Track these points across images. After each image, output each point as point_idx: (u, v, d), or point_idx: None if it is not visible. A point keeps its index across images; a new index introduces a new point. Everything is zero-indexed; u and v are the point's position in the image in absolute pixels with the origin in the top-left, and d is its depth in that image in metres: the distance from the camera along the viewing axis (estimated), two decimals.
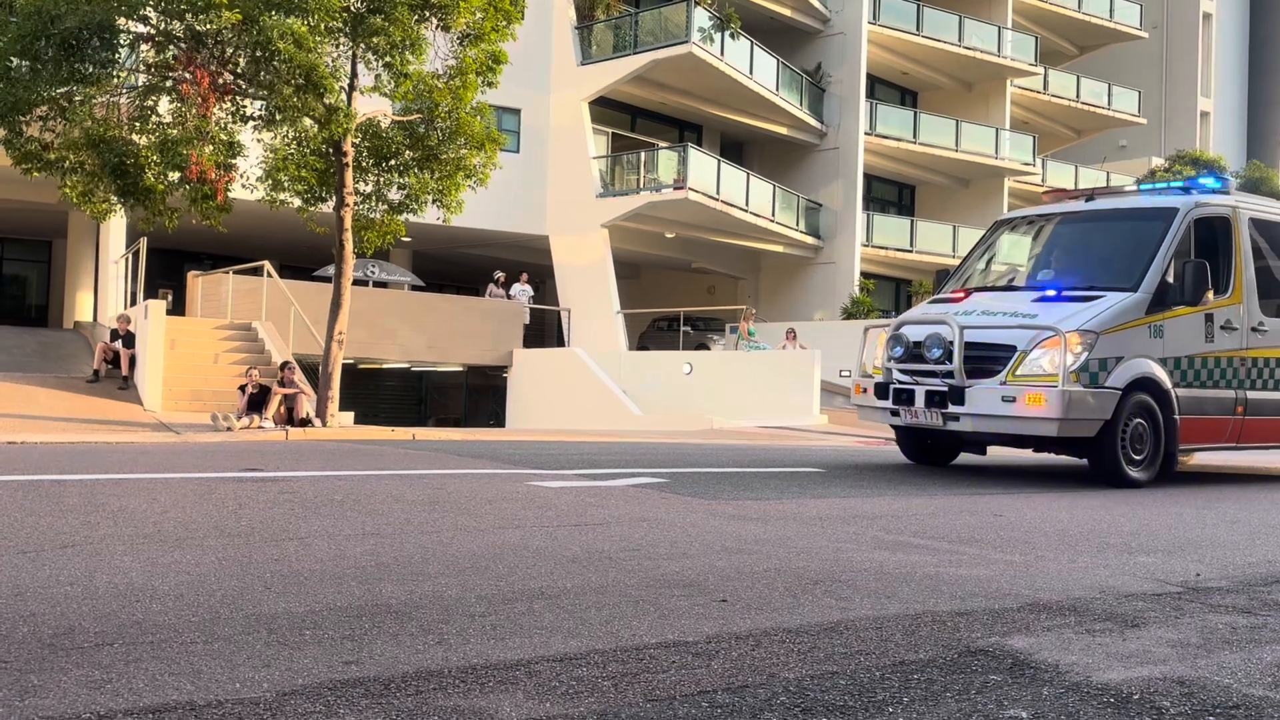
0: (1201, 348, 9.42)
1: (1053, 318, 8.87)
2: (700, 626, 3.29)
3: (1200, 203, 9.78)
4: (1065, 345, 8.54)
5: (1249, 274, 9.90)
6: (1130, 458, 8.96)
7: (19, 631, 2.93)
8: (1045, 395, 8.52)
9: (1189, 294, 9.14)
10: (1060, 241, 10.47)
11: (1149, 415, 9.04)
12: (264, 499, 6.01)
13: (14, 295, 32.48)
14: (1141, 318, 9.00)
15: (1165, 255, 9.27)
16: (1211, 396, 9.54)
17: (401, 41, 13.48)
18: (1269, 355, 10.12)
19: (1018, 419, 8.69)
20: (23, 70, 12.87)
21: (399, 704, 2.45)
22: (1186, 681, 2.89)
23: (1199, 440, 9.63)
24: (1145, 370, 8.95)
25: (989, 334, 9.13)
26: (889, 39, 33.28)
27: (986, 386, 8.82)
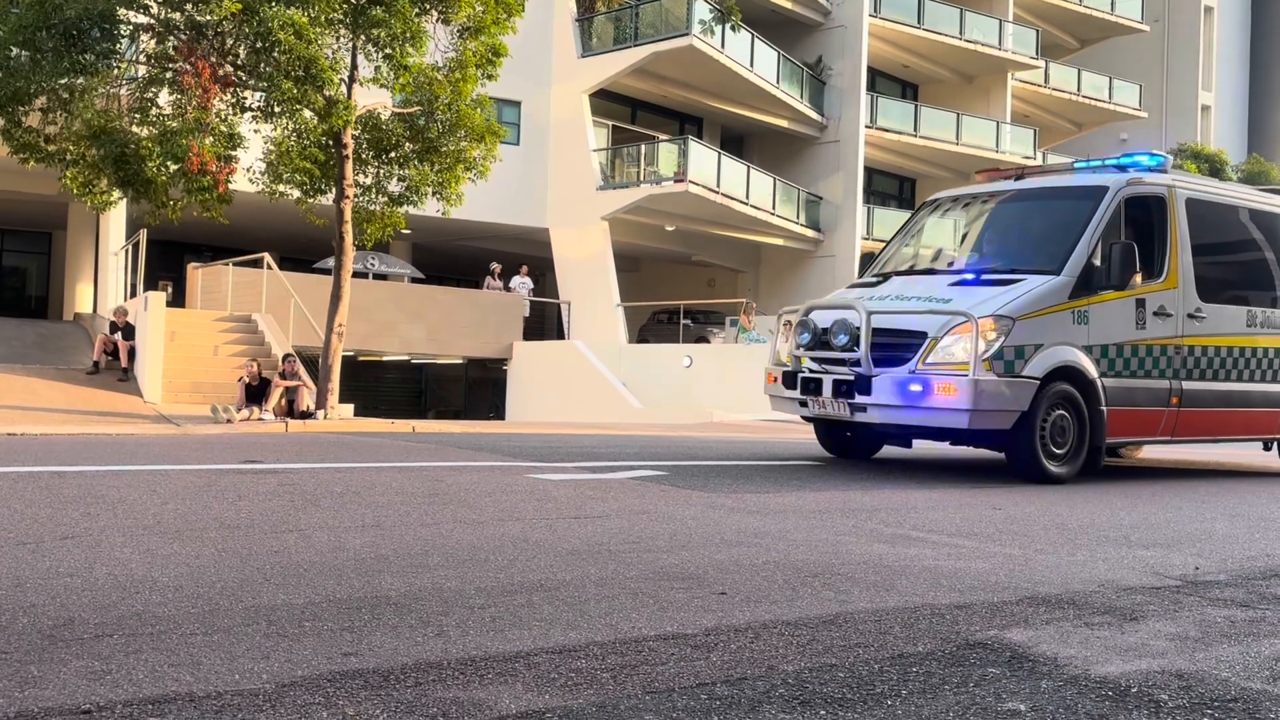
0: (1132, 335, 8.89)
1: (966, 303, 8.31)
2: (699, 619, 3.29)
3: (1133, 181, 9.24)
4: (977, 331, 8.00)
5: (1185, 257, 9.37)
6: (1050, 451, 8.40)
7: (19, 622, 2.93)
8: (955, 385, 7.99)
9: (1115, 277, 8.59)
10: (986, 223, 10.00)
11: (1072, 406, 8.49)
12: (264, 491, 6.01)
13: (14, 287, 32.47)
14: (1064, 302, 8.45)
15: (1092, 236, 8.73)
16: (1143, 387, 9.00)
17: (402, 33, 13.47)
18: (1207, 343, 9.57)
19: (926, 410, 8.19)
20: (23, 60, 12.85)
21: (398, 696, 2.45)
22: (1185, 675, 2.90)
23: (1129, 433, 9.14)
24: (1067, 358, 8.40)
25: (900, 320, 8.59)
26: (890, 32, 33.24)
27: (894, 375, 8.30)
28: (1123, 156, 9.86)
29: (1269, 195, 10.86)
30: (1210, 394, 9.55)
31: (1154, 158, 9.73)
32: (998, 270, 8.91)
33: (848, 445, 10.16)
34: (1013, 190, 9.86)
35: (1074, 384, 8.46)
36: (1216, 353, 9.63)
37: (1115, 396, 8.70)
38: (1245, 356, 9.90)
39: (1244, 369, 9.90)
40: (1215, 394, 9.60)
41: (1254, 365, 9.99)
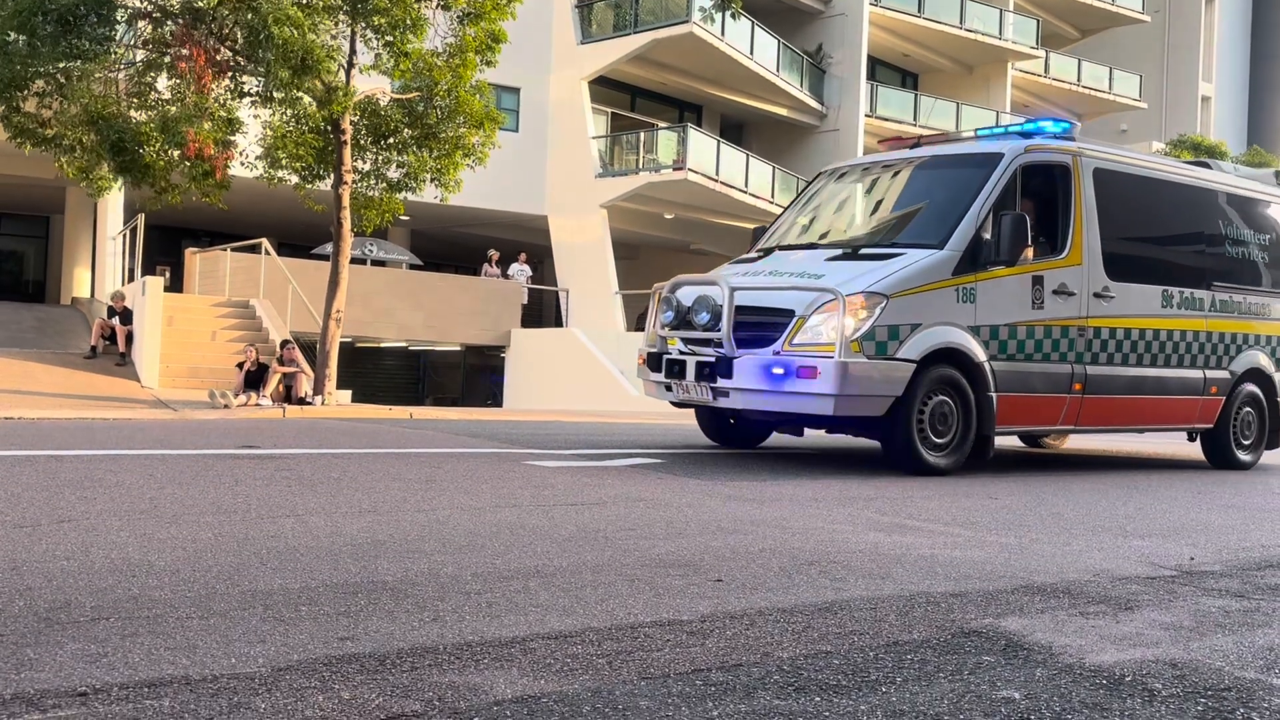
0: (1028, 315, 8.20)
1: (837, 279, 7.66)
2: (695, 606, 3.30)
3: (1032, 148, 8.51)
4: (844, 310, 7.35)
5: (1092, 232, 8.69)
6: (930, 441, 7.75)
7: (15, 605, 2.93)
8: (820, 368, 7.34)
9: (1005, 251, 7.87)
10: (875, 194, 9.34)
11: (956, 392, 7.82)
12: (261, 476, 6.01)
13: (11, 271, 32.42)
14: (947, 279, 7.77)
15: (981, 208, 8.01)
16: (1040, 371, 8.31)
17: (402, 20, 13.42)
18: (1116, 325, 8.86)
19: (789, 395, 7.52)
20: (20, 45, 12.80)
21: (394, 680, 2.46)
22: (1179, 664, 2.90)
23: (1024, 421, 8.47)
24: (949, 340, 7.72)
25: (768, 297, 7.95)
26: (890, 20, 33.16)
27: (758, 357, 7.65)
28: (1027, 123, 9.16)
29: (1190, 167, 10.36)
30: (1120, 380, 8.91)
31: (1059, 124, 9.03)
32: (880, 244, 8.31)
33: (731, 432, 9.54)
34: (906, 159, 9.22)
35: (958, 368, 7.83)
36: (1127, 335, 8.97)
37: (1007, 381, 8.06)
38: (1160, 340, 9.26)
39: (1159, 353, 9.26)
40: (1125, 380, 8.96)
41: (1171, 350, 9.36)
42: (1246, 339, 10.06)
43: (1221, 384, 9.80)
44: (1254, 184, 10.68)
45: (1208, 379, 9.67)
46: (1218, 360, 9.79)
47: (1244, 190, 10.45)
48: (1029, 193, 8.51)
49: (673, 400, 8.48)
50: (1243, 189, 10.45)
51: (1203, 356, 9.64)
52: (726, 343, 7.81)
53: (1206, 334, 9.67)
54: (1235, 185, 10.39)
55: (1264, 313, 10.31)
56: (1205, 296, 9.68)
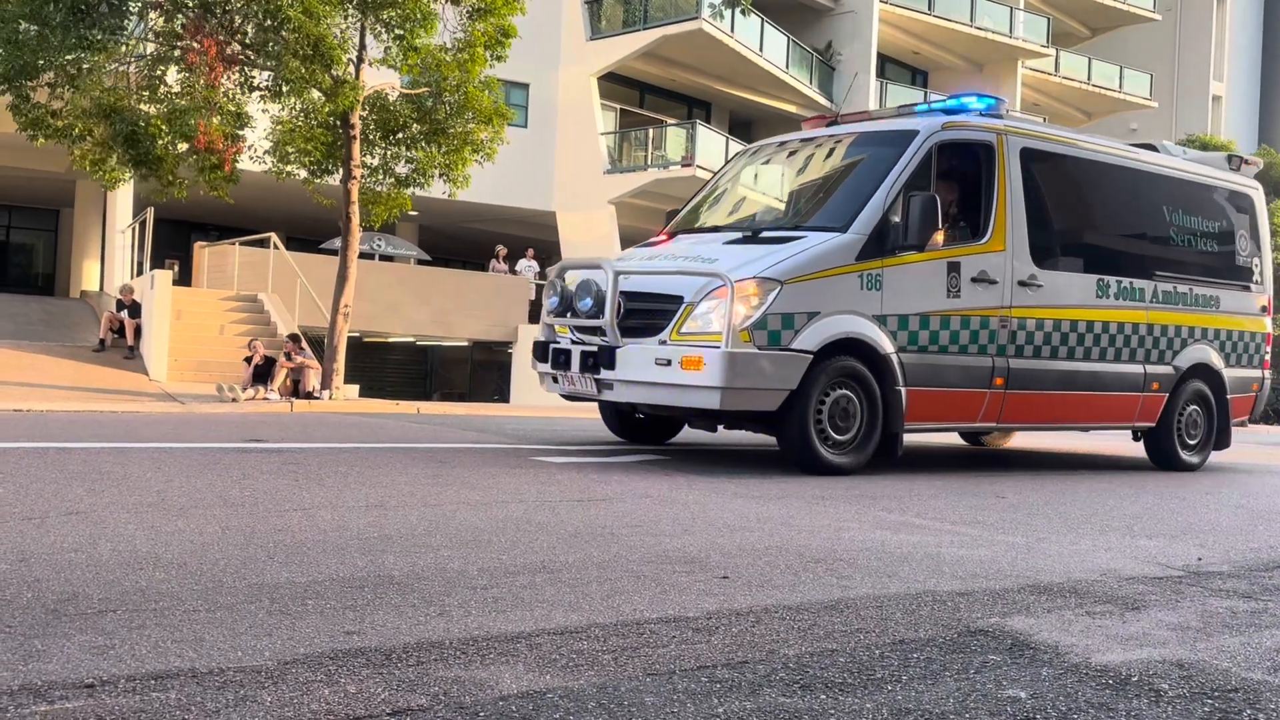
0: (942, 304, 7.65)
1: (729, 263, 7.19)
2: (701, 602, 3.30)
3: (949, 125, 7.95)
4: (732, 296, 6.85)
5: (1017, 215, 8.10)
6: (830, 437, 7.23)
7: (23, 597, 2.94)
8: (704, 358, 6.85)
9: (913, 235, 7.34)
10: (787, 174, 8.82)
11: (860, 386, 7.32)
12: (268, 469, 6.02)
13: (21, 264, 32.51)
14: (850, 264, 7.24)
15: (890, 188, 7.47)
16: (956, 365, 7.77)
17: (413, 14, 13.43)
18: (1044, 316, 8.25)
19: (673, 387, 7.05)
20: (30, 35, 12.83)
21: (400, 674, 2.46)
22: (1185, 664, 2.90)
23: (938, 418, 7.89)
24: (851, 329, 7.22)
25: (657, 282, 7.46)
26: (900, 18, 33.09)
27: (642, 347, 7.18)
28: (951, 99, 8.63)
29: (1131, 149, 9.64)
30: (1048, 374, 8.34)
31: (985, 99, 8.43)
32: (782, 227, 7.85)
33: (638, 427, 8.97)
34: (820, 137, 8.68)
35: (863, 359, 7.34)
36: (1056, 327, 8.34)
37: (918, 375, 7.54)
38: (1095, 333, 8.63)
39: (1093, 347, 8.63)
40: (1055, 375, 8.38)
41: (1107, 343, 8.74)
42: (1193, 332, 9.46)
43: (1164, 380, 9.22)
44: (1205, 169, 10.04)
45: (1149, 374, 9.08)
46: (1160, 355, 9.19)
47: (1192, 175, 9.81)
48: (949, 173, 8.03)
49: (560, 393, 8.00)
50: (1191, 173, 9.80)
51: (1143, 351, 9.04)
52: (609, 331, 7.32)
53: (1147, 327, 9.06)
54: (1183, 169, 9.74)
55: (1213, 305, 9.68)
56: (1146, 286, 9.07)
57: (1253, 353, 10.11)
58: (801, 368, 7.04)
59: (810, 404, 7.13)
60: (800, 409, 7.11)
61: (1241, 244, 10.07)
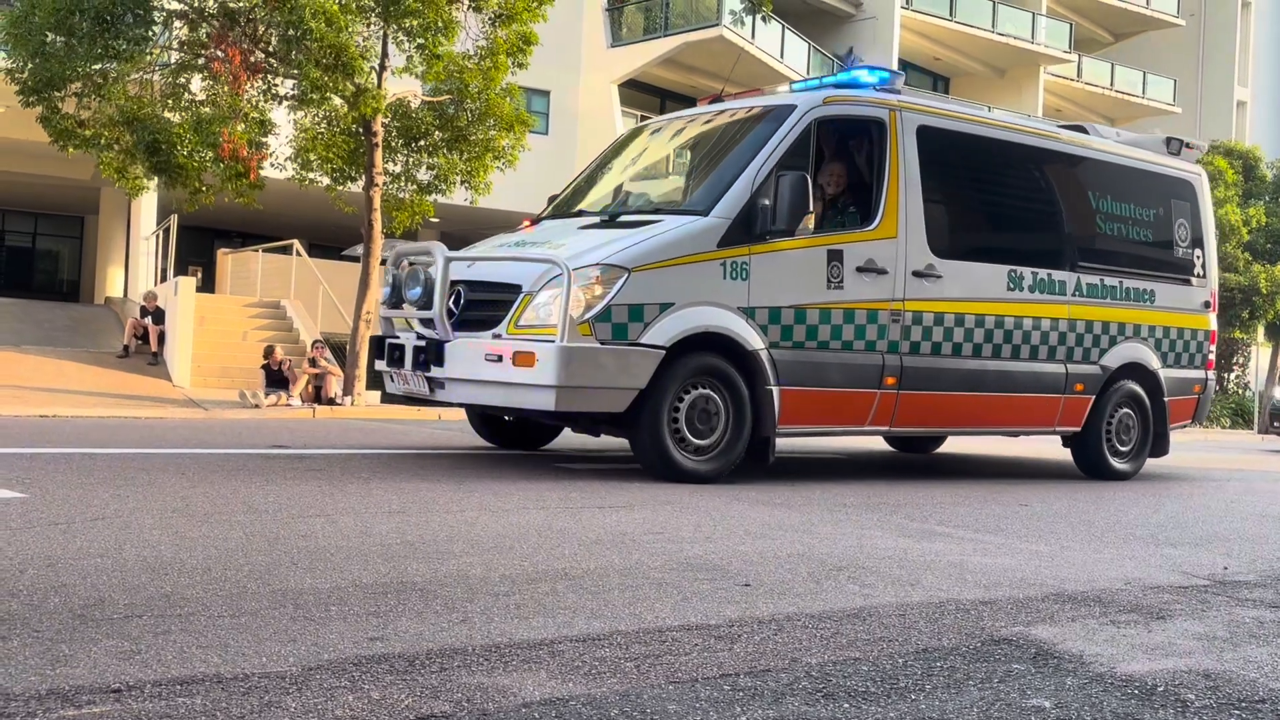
0: (821, 296, 6.98)
1: (573, 249, 6.60)
2: (723, 610, 3.30)
3: (832, 99, 7.27)
4: (569, 285, 6.21)
5: (912, 199, 7.42)
6: (689, 442, 6.60)
7: (50, 602, 2.97)
8: (538, 354, 6.21)
9: (781, 218, 6.66)
10: (663, 154, 8.29)
11: (724, 385, 6.69)
12: (291, 475, 6.05)
13: (47, 270, 32.79)
14: (711, 251, 6.58)
15: (759, 169, 6.79)
16: (839, 362, 7.10)
17: (434, 22, 13.50)
18: (943, 310, 7.55)
19: (505, 386, 6.45)
20: (57, 46, 12.97)
21: (423, 680, 2.46)
22: (1212, 674, 2.87)
23: (819, 420, 7.19)
24: (711, 323, 6.57)
25: (497, 270, 6.88)
26: (921, 24, 33.03)
27: (475, 341, 6.59)
28: (842, 73, 7.92)
29: (1050, 128, 8.99)
30: (949, 374, 7.63)
31: (878, 72, 7.73)
32: (641, 210, 7.31)
33: (509, 430, 8.39)
34: (701, 114, 8.11)
35: (727, 356, 6.71)
36: (958, 322, 7.64)
37: (793, 373, 6.88)
38: (1005, 329, 7.92)
39: (1003, 344, 7.91)
40: (957, 374, 7.67)
41: (1020, 340, 8.01)
42: (1124, 329, 8.73)
43: (1090, 381, 8.50)
44: (1139, 152, 9.28)
45: (1071, 375, 8.36)
46: (1085, 353, 8.46)
47: (1123, 158, 9.08)
48: (837, 154, 7.50)
49: (397, 392, 7.36)
50: (1121, 157, 9.07)
51: (1064, 349, 8.30)
52: (439, 323, 6.69)
53: (1069, 323, 8.31)
54: (1112, 153, 9.00)
55: (1148, 299, 8.93)
56: (1067, 279, 8.34)
57: (1194, 352, 9.36)
58: (651, 365, 6.39)
59: (664, 405, 6.48)
60: (652, 411, 6.44)
61: (1180, 234, 9.32)
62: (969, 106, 8.83)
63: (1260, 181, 32.10)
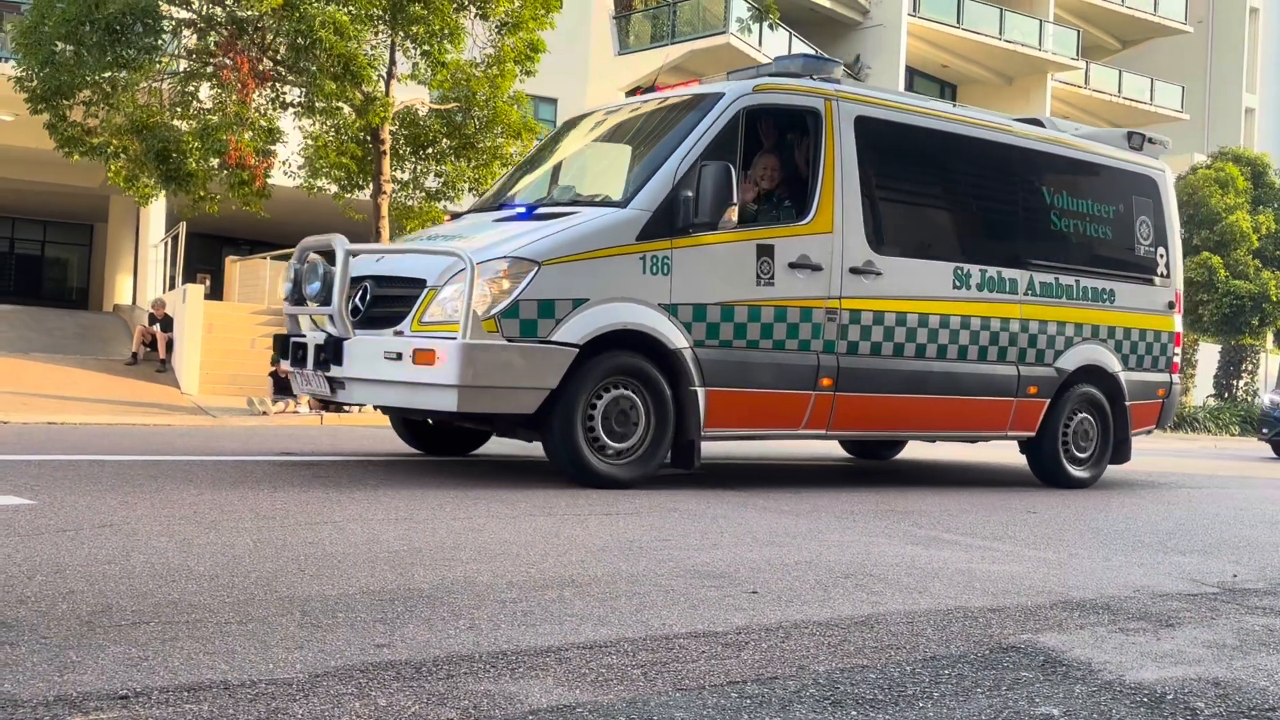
0: (750, 293, 6.67)
1: (484, 241, 6.32)
2: (730, 617, 3.29)
3: (762, 87, 6.97)
4: (473, 278, 5.87)
5: (849, 192, 7.09)
6: (604, 444, 6.29)
7: (58, 608, 2.97)
8: (438, 351, 5.89)
9: (704, 210, 6.33)
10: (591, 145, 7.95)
11: (644, 385, 6.36)
12: (299, 482, 6.06)
13: (55, 278, 32.91)
14: (630, 244, 6.28)
15: (682, 159, 6.49)
16: (769, 362, 6.77)
17: (441, 30, 13.55)
18: (884, 308, 7.23)
19: (406, 386, 6.14)
20: (66, 54, 13.03)
21: (430, 687, 2.46)
22: (1222, 683, 2.86)
23: (749, 423, 6.86)
24: (630, 319, 6.26)
25: (405, 264, 6.60)
26: (929, 31, 33.06)
27: (375, 339, 6.26)
28: (779, 59, 7.67)
29: (1001, 120, 8.61)
30: (890, 376, 7.30)
31: (814, 60, 7.48)
32: (560, 202, 7.01)
33: (433, 435, 8.01)
34: (634, 105, 7.81)
35: (648, 355, 6.39)
36: (900, 321, 7.31)
37: (721, 373, 6.57)
38: (952, 328, 7.57)
39: (950, 344, 7.57)
40: (899, 376, 7.34)
41: (968, 340, 7.66)
42: (1081, 330, 8.35)
43: (1045, 384, 8.12)
44: (1098, 146, 8.92)
45: (1024, 377, 7.98)
46: (1039, 355, 8.08)
47: (1080, 153, 8.71)
48: (771, 145, 7.22)
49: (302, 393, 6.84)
50: (1078, 151, 8.70)
51: (1016, 350, 7.94)
52: (337, 319, 6.36)
53: (1021, 323, 7.95)
54: (1067, 146, 8.66)
55: (1107, 299, 8.56)
56: (1019, 277, 7.99)
57: (1157, 354, 8.93)
58: (563, 363, 6.07)
59: (577, 406, 6.16)
60: (564, 412, 6.14)
61: (1142, 232, 8.92)
62: (912, 97, 8.44)
63: (1269, 188, 32.04)
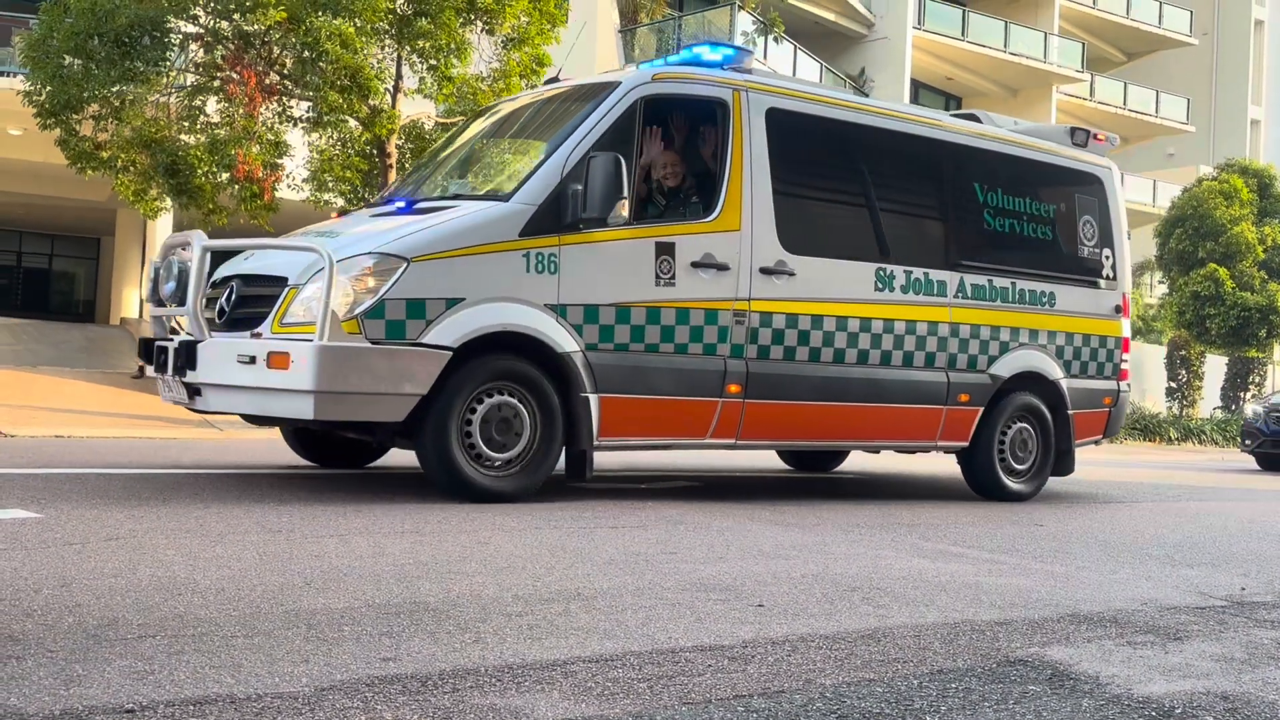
0: (649, 293, 6.27)
1: (351, 236, 6.00)
2: (737, 631, 3.28)
3: (662, 76, 6.59)
4: (331, 276, 5.45)
5: (759, 188, 6.69)
6: (486, 455, 5.90)
7: (65, 622, 2.97)
8: (293, 354, 5.48)
9: (592, 205, 5.92)
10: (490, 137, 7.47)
11: (530, 391, 5.96)
12: (304, 495, 6.06)
13: (63, 291, 33.02)
14: (512, 240, 5.87)
15: (571, 150, 6.10)
16: (670, 367, 6.36)
17: (447, 45, 13.60)
18: (797, 311, 6.81)
19: (261, 392, 5.72)
20: (75, 69, 13.09)
21: (436, 701, 2.46)
22: (1230, 696, 2.85)
23: (650, 432, 6.41)
24: (512, 321, 5.86)
25: (270, 261, 6.18)
26: (933, 44, 33.12)
27: (230, 342, 5.83)
28: (686, 48, 7.21)
29: (930, 114, 8.28)
30: (805, 382, 6.87)
31: (722, 47, 7.01)
32: (441, 196, 6.63)
33: (322, 445, 7.56)
34: (532, 96, 7.48)
35: (534, 359, 6.01)
36: (816, 325, 6.90)
37: (616, 379, 6.17)
38: (874, 332, 7.17)
39: (872, 349, 7.17)
40: (815, 382, 6.92)
41: (892, 345, 7.26)
42: (1018, 335, 7.92)
43: (977, 391, 7.70)
44: (1038, 142, 8.48)
45: (954, 384, 7.57)
46: (970, 361, 7.66)
47: (1017, 149, 8.27)
48: (674, 138, 6.88)
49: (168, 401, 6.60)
50: (1014, 147, 8.27)
51: (945, 355, 7.53)
52: (192, 321, 5.95)
53: (950, 327, 7.55)
54: (1004, 143, 8.21)
55: (1046, 302, 8.13)
56: (948, 279, 7.58)
57: (1103, 360, 8.50)
58: (435, 367, 5.67)
59: (452, 414, 5.76)
60: (437, 420, 5.73)
61: (1086, 232, 8.51)
62: (829, 90, 8.14)
63: (1275, 200, 32.02)
